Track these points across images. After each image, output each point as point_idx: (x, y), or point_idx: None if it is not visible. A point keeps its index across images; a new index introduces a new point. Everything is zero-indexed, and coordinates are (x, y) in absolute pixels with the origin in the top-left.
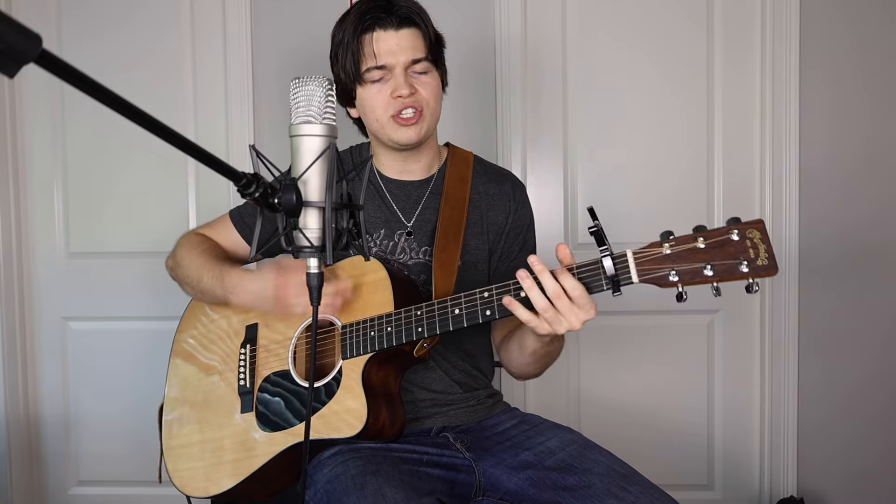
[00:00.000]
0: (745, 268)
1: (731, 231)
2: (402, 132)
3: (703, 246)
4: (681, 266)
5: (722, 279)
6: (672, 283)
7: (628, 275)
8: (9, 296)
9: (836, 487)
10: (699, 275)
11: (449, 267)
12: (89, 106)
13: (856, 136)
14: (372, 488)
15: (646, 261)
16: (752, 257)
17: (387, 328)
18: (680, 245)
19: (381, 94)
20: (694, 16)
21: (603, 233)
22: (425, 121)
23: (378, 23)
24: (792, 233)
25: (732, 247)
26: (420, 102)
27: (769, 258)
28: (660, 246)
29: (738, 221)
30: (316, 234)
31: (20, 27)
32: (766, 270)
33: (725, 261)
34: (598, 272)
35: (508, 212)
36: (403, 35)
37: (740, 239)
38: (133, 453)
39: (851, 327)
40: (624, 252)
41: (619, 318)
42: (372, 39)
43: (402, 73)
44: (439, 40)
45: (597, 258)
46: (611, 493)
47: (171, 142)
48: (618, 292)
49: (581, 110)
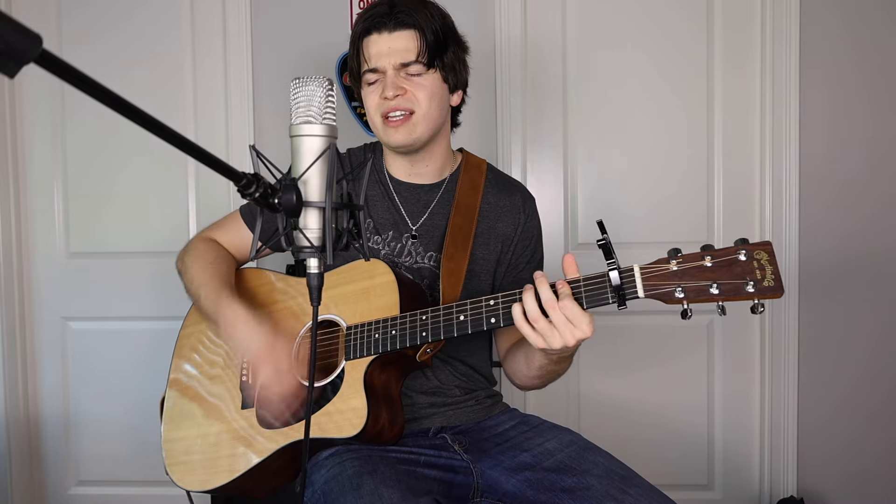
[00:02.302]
0: (752, 288)
1: (738, 251)
2: (392, 135)
3: (710, 264)
4: (687, 283)
5: (728, 298)
6: (678, 299)
7: (634, 289)
8: (9, 296)
9: (836, 487)
10: (705, 293)
11: (456, 275)
12: (89, 106)
13: (856, 137)
14: (368, 488)
15: (652, 276)
16: (759, 278)
17: (391, 331)
18: (687, 262)
19: (373, 95)
20: (694, 16)
21: (611, 246)
22: (417, 124)
23: (374, 26)
24: (792, 233)
25: (739, 267)
26: (410, 104)
27: (775, 280)
28: (667, 262)
29: (747, 242)
30: (316, 234)
31: (20, 27)
32: (772, 292)
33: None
34: (605, 285)
35: (517, 224)
36: (396, 37)
37: (748, 259)
38: (133, 453)
39: (851, 327)
40: (631, 266)
41: (620, 318)
42: (368, 43)
43: (394, 75)
44: (444, 40)
45: (603, 271)
46: (609, 495)
47: (171, 142)
48: (623, 306)
49: (581, 110)
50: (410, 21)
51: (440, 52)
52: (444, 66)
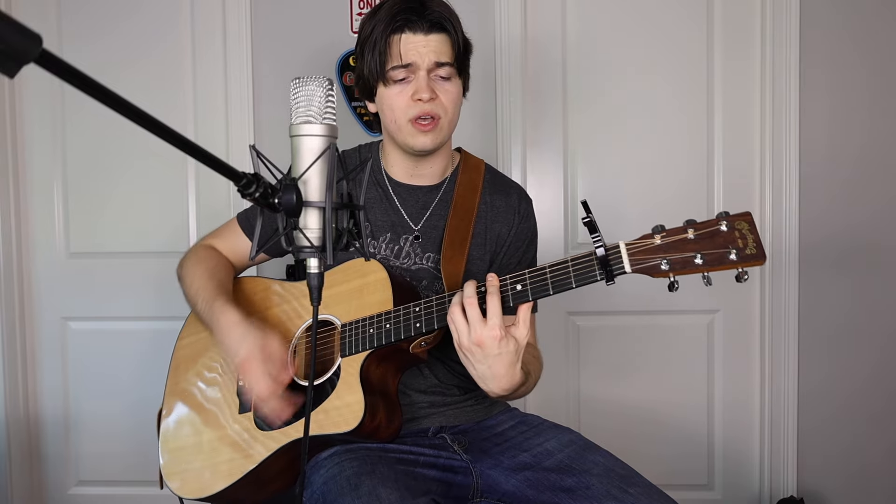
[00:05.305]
0: (734, 256)
1: (720, 222)
2: (419, 138)
3: (693, 237)
4: (672, 255)
5: (712, 268)
6: (664, 272)
7: (621, 264)
8: (9, 296)
9: (836, 487)
10: (690, 263)
11: (454, 277)
12: (89, 106)
13: (856, 135)
14: (367, 489)
15: (638, 251)
16: (741, 247)
17: (385, 325)
18: (671, 236)
19: (402, 95)
20: (694, 16)
21: (595, 224)
22: (442, 129)
23: (408, 25)
24: (792, 232)
25: (721, 237)
26: (438, 110)
27: (757, 247)
28: (651, 237)
29: (728, 214)
30: (316, 234)
31: (20, 27)
32: (755, 259)
33: (715, 250)
34: (592, 262)
35: (512, 224)
36: (432, 39)
37: (729, 230)
38: (133, 453)
39: (852, 327)
40: (616, 243)
41: (619, 318)
42: (400, 41)
43: (426, 77)
44: (467, 48)
45: (590, 250)
46: (610, 495)
47: (171, 142)
48: (611, 282)
49: (581, 110)
50: (445, 25)
51: (466, 59)
52: (466, 72)
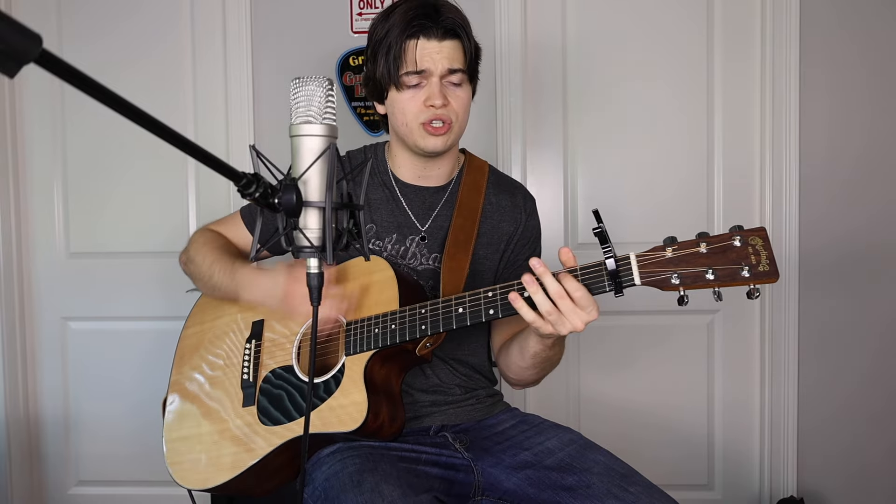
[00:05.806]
0: (747, 273)
1: (733, 237)
2: (430, 141)
3: (706, 251)
4: (683, 269)
5: (723, 284)
6: (674, 286)
7: (631, 276)
8: (9, 296)
9: (836, 487)
10: (701, 278)
11: (458, 274)
12: (89, 106)
13: (856, 136)
14: (369, 485)
15: (648, 263)
16: (754, 263)
17: (391, 325)
18: (682, 249)
19: (414, 100)
20: (694, 16)
21: (607, 234)
22: (453, 132)
23: (423, 31)
24: (792, 233)
25: (734, 252)
26: (450, 115)
27: (770, 264)
28: (663, 249)
29: (741, 229)
30: (316, 234)
31: (20, 27)
32: (768, 276)
33: (727, 266)
34: (601, 273)
35: (518, 223)
36: (446, 46)
37: (742, 245)
38: (133, 453)
39: (851, 327)
40: (627, 254)
41: (620, 318)
42: (416, 46)
43: (438, 83)
44: (477, 53)
45: (600, 260)
46: (610, 493)
47: (171, 142)
48: (620, 293)
49: (581, 110)
50: (458, 32)
51: (476, 64)
52: (476, 77)
